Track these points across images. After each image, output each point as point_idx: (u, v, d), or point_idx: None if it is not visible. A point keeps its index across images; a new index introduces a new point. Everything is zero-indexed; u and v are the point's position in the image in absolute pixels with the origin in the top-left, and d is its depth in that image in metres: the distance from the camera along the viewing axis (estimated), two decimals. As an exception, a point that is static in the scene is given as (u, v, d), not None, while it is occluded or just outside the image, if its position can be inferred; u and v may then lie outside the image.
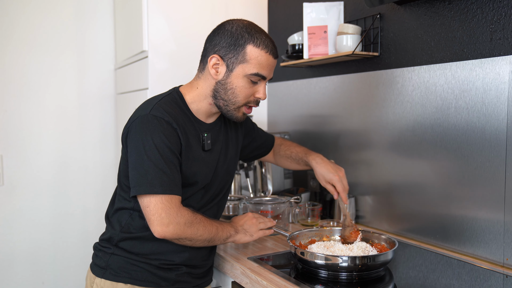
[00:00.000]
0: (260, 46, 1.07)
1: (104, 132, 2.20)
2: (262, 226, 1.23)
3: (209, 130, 1.16)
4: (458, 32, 1.25)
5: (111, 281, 1.10)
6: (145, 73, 1.82)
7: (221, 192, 1.23)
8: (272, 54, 1.09)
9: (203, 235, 1.07)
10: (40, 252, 2.07)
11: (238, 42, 1.07)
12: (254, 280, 1.11)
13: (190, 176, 1.10)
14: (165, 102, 1.09)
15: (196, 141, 1.12)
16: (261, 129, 1.45)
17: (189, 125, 1.11)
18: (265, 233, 1.23)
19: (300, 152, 1.39)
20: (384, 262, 1.09)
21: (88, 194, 2.17)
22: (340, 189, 1.26)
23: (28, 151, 2.04)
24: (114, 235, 1.13)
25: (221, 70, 1.09)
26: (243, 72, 1.08)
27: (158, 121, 1.03)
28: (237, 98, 1.10)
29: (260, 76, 1.09)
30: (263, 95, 1.12)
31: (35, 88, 2.05)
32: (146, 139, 1.02)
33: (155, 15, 1.79)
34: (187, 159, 1.09)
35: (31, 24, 2.02)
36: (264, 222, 1.24)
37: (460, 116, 1.24)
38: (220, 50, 1.08)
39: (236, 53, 1.07)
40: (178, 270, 1.13)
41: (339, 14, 1.60)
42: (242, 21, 1.10)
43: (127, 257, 1.11)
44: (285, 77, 1.98)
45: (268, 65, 1.10)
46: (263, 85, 1.12)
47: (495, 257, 1.17)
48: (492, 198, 1.17)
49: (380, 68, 1.50)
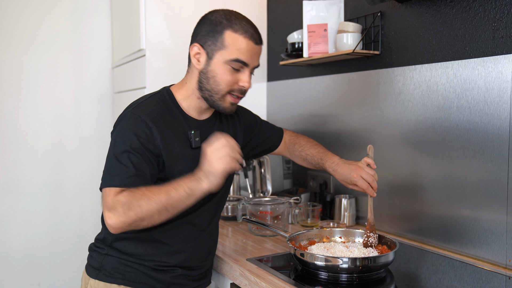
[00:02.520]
0: (239, 31, 1.05)
1: (101, 132, 2.18)
2: (225, 152, 0.99)
3: (199, 126, 1.14)
4: (460, 30, 1.24)
5: (104, 282, 1.09)
6: (142, 72, 1.80)
7: (218, 192, 1.19)
8: (252, 39, 1.06)
9: (151, 208, 0.94)
10: (36, 253, 2.06)
11: (216, 29, 1.05)
12: (253, 282, 1.10)
13: (176, 174, 1.06)
14: (151, 101, 1.09)
15: (182, 139, 1.09)
16: (267, 123, 1.39)
17: (174, 123, 1.09)
18: (230, 165, 0.99)
19: (315, 155, 1.30)
20: (385, 264, 1.08)
21: (85, 195, 2.16)
22: (364, 187, 1.18)
23: (24, 150, 2.02)
24: (108, 235, 1.11)
25: (202, 59, 1.08)
26: (223, 59, 1.05)
27: (134, 119, 1.04)
28: (219, 87, 1.07)
29: (241, 62, 1.06)
30: (247, 83, 1.08)
31: (31, 87, 2.03)
32: (119, 135, 1.03)
33: (153, 13, 1.78)
34: (171, 157, 1.06)
35: (27, 22, 2.00)
36: (231, 149, 1.00)
37: (462, 116, 1.23)
38: (200, 39, 1.08)
39: (214, 40, 1.05)
40: (173, 272, 1.11)
41: (339, 12, 1.59)
42: (224, 11, 1.09)
43: (121, 258, 1.09)
44: (284, 76, 1.97)
45: (249, 51, 1.06)
46: (247, 73, 1.08)
47: (497, 259, 1.16)
48: (495, 198, 1.16)
49: (381, 67, 1.49)
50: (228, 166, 0.99)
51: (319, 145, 1.34)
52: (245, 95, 1.13)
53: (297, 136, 1.39)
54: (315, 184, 1.75)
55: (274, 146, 1.39)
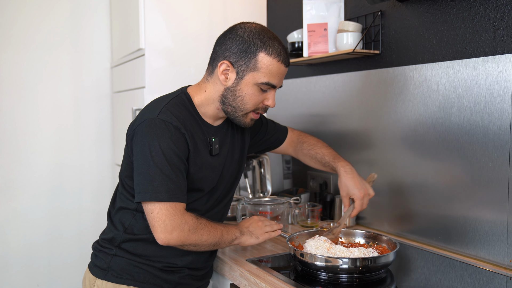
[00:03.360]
0: (273, 54, 1.04)
1: (100, 131, 2.17)
2: (268, 228, 1.21)
3: (216, 133, 1.14)
4: (460, 30, 1.23)
5: (113, 283, 1.09)
6: (142, 72, 1.80)
7: (227, 196, 1.22)
8: (284, 63, 1.07)
9: (208, 240, 1.06)
10: (35, 253, 2.05)
11: (249, 49, 1.04)
12: (253, 283, 1.10)
13: (196, 181, 1.09)
14: (174, 105, 1.07)
15: (204, 146, 1.10)
16: (272, 122, 1.40)
17: (197, 129, 1.09)
18: (271, 235, 1.21)
19: (327, 155, 1.31)
20: (385, 264, 1.08)
21: (84, 194, 2.15)
22: (358, 208, 1.22)
23: (23, 150, 2.01)
24: (117, 236, 1.11)
25: (231, 77, 1.07)
26: (254, 81, 1.05)
27: (166, 126, 1.01)
28: (246, 106, 1.09)
29: (270, 85, 1.07)
30: (273, 103, 1.10)
31: (30, 86, 2.02)
32: (153, 144, 1.00)
33: (152, 12, 1.77)
34: (195, 165, 1.07)
35: (26, 21, 1.99)
36: (270, 225, 1.22)
37: (462, 115, 1.23)
38: (230, 56, 1.06)
39: (247, 61, 1.04)
40: (181, 272, 1.13)
41: (340, 11, 1.58)
42: (255, 26, 1.07)
43: (129, 259, 1.09)
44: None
45: (279, 74, 1.07)
46: (273, 93, 1.10)
47: (498, 259, 1.16)
48: (496, 198, 1.16)
49: (381, 67, 1.49)
50: (269, 237, 1.20)
51: (330, 147, 1.36)
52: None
53: (306, 135, 1.40)
54: (315, 184, 1.75)
55: (279, 142, 1.39)
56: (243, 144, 1.25)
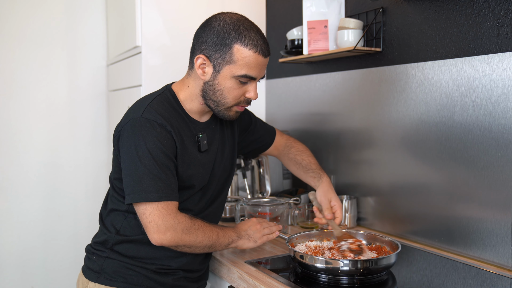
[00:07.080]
0: (249, 45, 1.01)
1: (95, 131, 2.15)
2: (266, 231, 1.19)
3: (204, 129, 1.13)
4: (463, 27, 1.22)
5: (105, 285, 1.08)
6: (138, 69, 1.78)
7: (220, 195, 1.20)
8: (261, 53, 1.03)
9: (202, 241, 1.04)
10: (29, 254, 2.03)
11: (224, 42, 1.01)
12: (252, 285, 1.09)
13: (186, 179, 1.07)
14: (158, 103, 1.05)
15: (192, 143, 1.09)
16: (261, 121, 1.38)
17: (183, 125, 1.07)
18: (269, 238, 1.20)
19: (313, 164, 1.34)
20: (387, 266, 1.07)
21: (79, 195, 2.13)
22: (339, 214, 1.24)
23: (17, 149, 1.99)
24: (110, 238, 1.10)
25: (208, 71, 1.05)
26: (231, 73, 1.03)
27: (151, 125, 1.00)
28: (226, 100, 1.06)
29: (249, 77, 1.04)
30: (254, 94, 1.07)
31: (24, 85, 2.00)
32: (139, 144, 0.99)
33: (149, 9, 1.75)
34: (183, 162, 1.06)
35: (20, 18, 1.97)
36: (269, 227, 1.20)
37: (465, 114, 1.21)
38: (206, 50, 1.03)
39: (222, 54, 1.02)
40: (175, 274, 1.11)
41: (340, 8, 1.57)
42: (230, 16, 1.04)
43: (122, 261, 1.08)
44: (284, 73, 1.95)
45: (258, 65, 1.04)
46: (254, 85, 1.07)
47: (502, 261, 1.15)
48: (499, 199, 1.15)
49: (382, 64, 1.47)
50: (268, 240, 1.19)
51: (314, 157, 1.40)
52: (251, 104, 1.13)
53: (295, 141, 1.41)
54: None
55: (267, 145, 1.39)
56: (233, 140, 1.24)
